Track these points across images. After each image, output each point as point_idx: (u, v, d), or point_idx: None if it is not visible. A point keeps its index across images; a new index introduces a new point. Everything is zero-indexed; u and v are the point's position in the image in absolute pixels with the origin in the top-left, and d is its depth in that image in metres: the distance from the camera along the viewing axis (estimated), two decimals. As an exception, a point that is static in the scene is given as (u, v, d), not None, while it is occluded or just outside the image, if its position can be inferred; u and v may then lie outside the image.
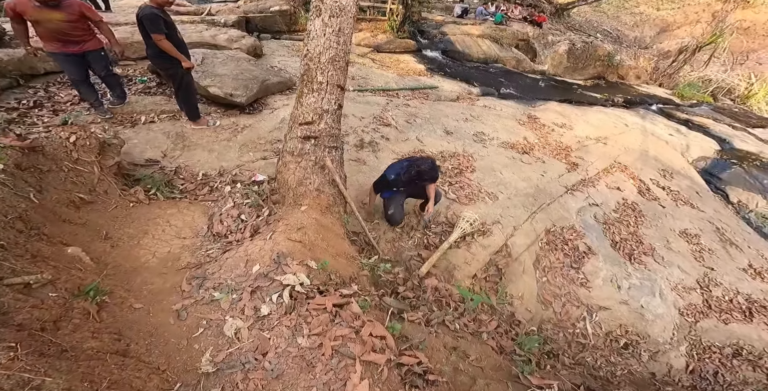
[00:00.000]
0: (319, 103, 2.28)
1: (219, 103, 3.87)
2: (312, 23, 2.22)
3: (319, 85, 2.27)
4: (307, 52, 2.26)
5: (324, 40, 2.18)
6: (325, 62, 2.24)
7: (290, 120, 2.40)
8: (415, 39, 9.35)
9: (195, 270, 1.99)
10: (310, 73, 2.27)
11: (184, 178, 2.86)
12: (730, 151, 6.58)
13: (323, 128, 2.29)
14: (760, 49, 14.84)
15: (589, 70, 9.50)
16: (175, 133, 3.25)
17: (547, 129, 5.62)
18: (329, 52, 2.22)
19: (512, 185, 3.88)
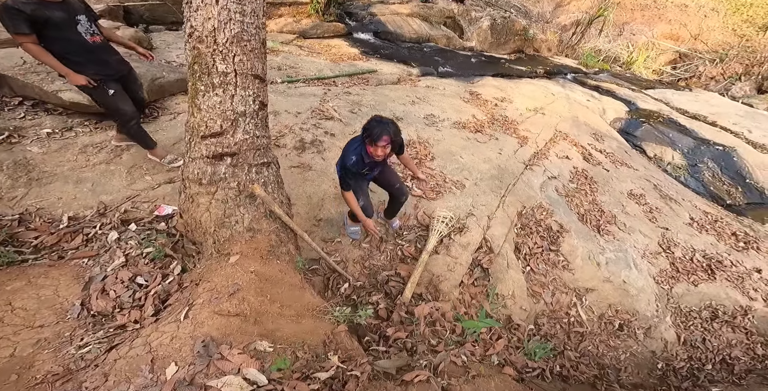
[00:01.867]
0: (228, 104, 1.46)
1: (87, 113, 2.65)
2: None
3: (223, 76, 1.45)
4: (191, 31, 1.43)
5: (218, 11, 1.37)
6: (227, 43, 1.42)
7: (186, 133, 1.52)
8: (343, 22, 8.33)
9: (62, 385, 1.14)
10: (204, 61, 1.43)
11: (36, 229, 1.80)
12: (636, 111, 7.08)
13: (242, 139, 1.48)
14: (631, 22, 16.61)
15: (510, 44, 9.52)
16: (14, 162, 2.07)
17: (491, 105, 5.33)
18: (230, 27, 1.41)
19: (476, 169, 3.45)
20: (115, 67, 2.08)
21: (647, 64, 12.42)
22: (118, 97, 2.07)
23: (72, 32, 1.88)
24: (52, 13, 1.79)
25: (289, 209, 1.76)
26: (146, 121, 2.81)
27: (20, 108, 2.58)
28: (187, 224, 1.53)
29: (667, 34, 14.66)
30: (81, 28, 1.90)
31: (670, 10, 15.56)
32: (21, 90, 2.64)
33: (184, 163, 1.56)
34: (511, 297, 2.43)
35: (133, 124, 2.19)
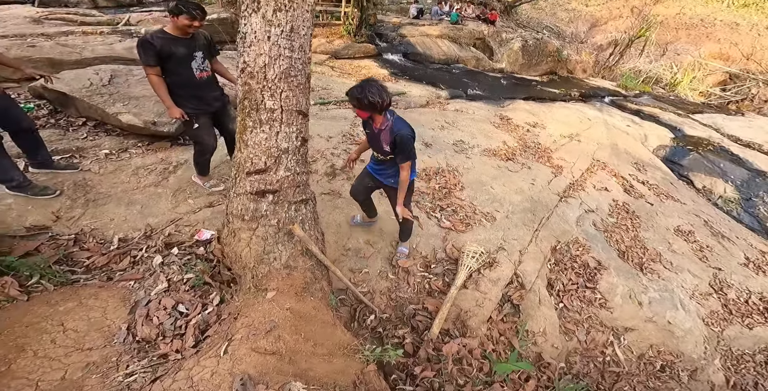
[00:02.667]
0: (273, 141, 1.55)
1: (140, 135, 2.94)
2: (247, 22, 1.46)
3: (270, 113, 1.54)
4: (243, 66, 1.53)
5: (269, 47, 1.45)
6: (275, 79, 1.51)
7: (233, 168, 1.64)
8: (373, 43, 8.80)
9: (108, 412, 1.22)
10: (254, 97, 1.53)
11: (89, 249, 1.99)
12: (683, 138, 6.82)
13: (284, 177, 1.57)
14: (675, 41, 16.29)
15: (542, 66, 9.61)
16: (73, 183, 2.32)
17: (522, 130, 5.34)
18: (279, 63, 1.49)
19: (507, 200, 3.44)
20: (210, 103, 2.28)
21: (693, 85, 12.02)
22: (203, 131, 2.28)
23: (185, 67, 2.09)
24: (176, 49, 2.01)
25: (323, 245, 1.85)
26: (189, 144, 3.07)
27: (83, 128, 2.92)
28: (228, 256, 1.64)
29: (716, 54, 14.19)
30: (194, 64, 2.12)
31: (720, 28, 15.14)
32: (85, 111, 2.99)
33: (229, 198, 1.68)
34: (542, 334, 2.37)
35: (208, 157, 2.42)
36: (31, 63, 3.70)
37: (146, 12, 7.74)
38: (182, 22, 1.96)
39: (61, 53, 3.97)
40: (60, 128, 2.89)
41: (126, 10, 8.01)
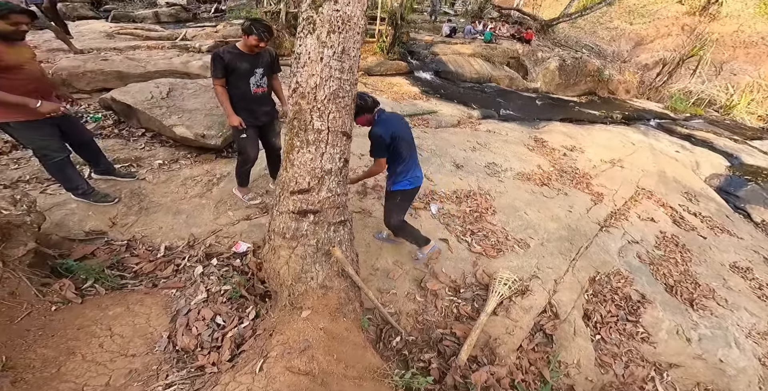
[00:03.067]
0: (318, 162, 1.60)
1: (189, 147, 3.20)
2: (302, 43, 1.52)
3: (317, 134, 1.59)
4: (296, 86, 1.59)
5: (321, 68, 1.51)
6: (324, 100, 1.57)
7: (278, 187, 1.72)
8: (405, 60, 9.07)
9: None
10: (303, 117, 1.58)
11: (138, 256, 2.15)
12: (740, 166, 6.35)
13: (326, 198, 1.64)
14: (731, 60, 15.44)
15: (580, 86, 9.42)
16: (130, 191, 2.55)
17: (559, 153, 5.21)
18: (329, 84, 1.55)
19: (542, 228, 3.36)
20: (259, 117, 2.45)
21: (751, 108, 11.25)
22: (248, 142, 2.44)
23: (244, 82, 2.28)
24: (241, 64, 2.20)
25: (357, 266, 1.89)
26: (231, 157, 3.29)
27: (142, 139, 3.22)
28: (266, 272, 1.72)
29: (778, 75, 13.25)
30: (253, 79, 2.30)
31: (782, 48, 14.20)
32: (145, 122, 3.30)
33: (272, 215, 1.76)
34: (576, 366, 2.26)
35: (248, 167, 2.58)
36: (102, 76, 4.19)
37: (200, 27, 8.52)
38: (251, 42, 2.15)
39: (128, 67, 4.44)
40: (122, 138, 3.20)
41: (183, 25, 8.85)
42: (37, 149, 2.08)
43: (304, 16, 1.49)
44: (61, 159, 2.15)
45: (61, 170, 2.19)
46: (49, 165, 2.15)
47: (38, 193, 2.34)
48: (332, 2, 1.39)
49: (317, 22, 1.45)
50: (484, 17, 11.55)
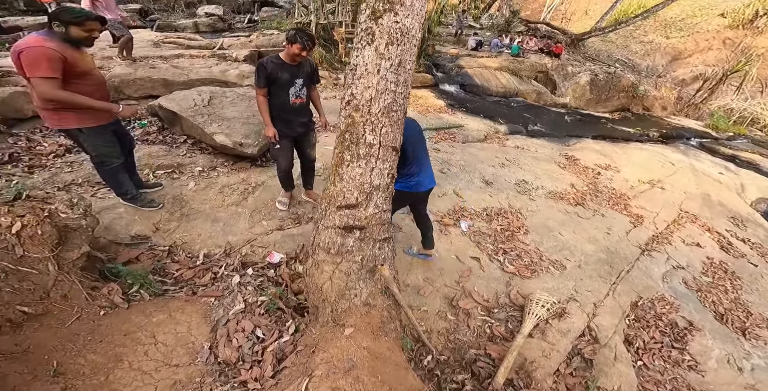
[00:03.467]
0: (367, 177, 1.61)
1: (226, 154, 3.32)
2: (359, 55, 1.51)
3: (368, 148, 1.58)
4: (350, 98, 1.58)
5: (377, 80, 1.50)
6: (378, 113, 1.55)
7: (323, 200, 1.73)
8: (431, 73, 9.18)
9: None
10: (356, 130, 1.57)
11: (179, 262, 2.23)
12: (792, 192, 5.97)
13: (372, 214, 1.64)
14: (777, 78, 14.74)
15: (612, 101, 9.22)
16: (172, 197, 2.66)
17: (592, 172, 5.08)
18: (384, 97, 1.53)
19: (578, 249, 3.27)
20: (294, 128, 2.49)
21: (801, 128, 10.65)
22: (281, 152, 2.52)
23: (284, 92, 2.32)
24: (282, 74, 2.24)
25: (398, 283, 1.89)
26: (265, 166, 3.39)
27: (184, 146, 3.38)
28: (307, 286, 1.73)
29: (831, 94, 12.57)
30: (292, 90, 2.33)
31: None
32: (188, 130, 3.46)
33: (317, 229, 1.78)
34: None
35: (282, 175, 2.68)
36: (150, 83, 4.46)
37: (235, 37, 8.97)
38: (294, 51, 2.17)
39: (173, 74, 4.72)
40: (166, 145, 3.37)
41: (219, 35, 9.33)
42: (97, 155, 2.17)
43: (362, 28, 1.48)
44: (117, 165, 2.28)
45: (114, 176, 2.31)
46: (104, 170, 2.26)
47: (89, 197, 2.48)
48: (392, 14, 1.38)
49: (376, 34, 1.44)
50: (511, 31, 11.62)
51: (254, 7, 14.00)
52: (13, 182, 2.48)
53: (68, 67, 1.84)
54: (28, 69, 1.76)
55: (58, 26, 1.82)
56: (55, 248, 1.70)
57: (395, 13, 1.39)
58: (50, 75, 1.77)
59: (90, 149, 2.16)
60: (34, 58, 1.73)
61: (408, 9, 1.40)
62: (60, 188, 2.51)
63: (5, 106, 3.40)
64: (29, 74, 1.77)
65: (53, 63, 1.77)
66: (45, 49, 1.75)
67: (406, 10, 1.39)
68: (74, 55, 1.87)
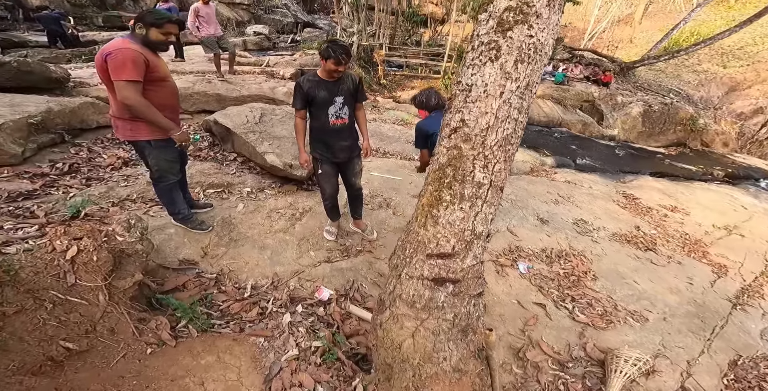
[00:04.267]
0: (469, 223, 1.37)
1: (274, 175, 3.30)
2: (477, 73, 1.25)
3: (476, 188, 1.34)
4: (458, 125, 1.32)
5: (499, 105, 1.24)
6: (494, 146, 1.29)
7: (407, 244, 1.53)
8: (471, 97, 9.16)
9: None
10: (463, 166, 1.32)
11: (226, 292, 2.13)
12: None
13: (470, 266, 1.44)
14: None
15: (667, 135, 8.77)
16: (221, 220, 2.62)
17: (657, 214, 4.71)
18: (504, 127, 1.28)
19: (660, 300, 2.98)
20: (336, 152, 2.29)
21: None
22: (323, 178, 2.38)
23: (323, 112, 2.14)
24: (319, 92, 2.07)
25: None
26: (312, 190, 3.33)
27: (234, 164, 3.40)
28: (380, 340, 1.54)
29: None
30: (332, 109, 2.14)
31: None
32: (239, 147, 3.50)
33: (398, 278, 1.56)
34: None
35: (327, 203, 2.56)
36: (205, 98, 4.65)
37: (279, 56, 9.44)
38: (329, 66, 2.00)
39: (227, 90, 4.92)
40: (217, 162, 3.41)
41: (265, 53, 9.86)
42: (158, 170, 2.14)
43: (483, 41, 1.23)
44: (173, 182, 2.25)
45: (169, 193, 2.29)
46: (161, 187, 2.24)
47: (142, 214, 2.48)
48: (525, 26, 1.15)
49: (503, 49, 1.18)
50: (554, 58, 11.58)
51: (297, 27, 14.88)
52: (69, 195, 2.53)
53: (148, 72, 1.82)
54: (114, 72, 1.72)
55: (140, 28, 1.82)
56: (108, 276, 1.63)
57: (529, 25, 1.15)
58: (134, 78, 1.74)
59: (153, 163, 2.12)
60: (121, 61, 1.70)
61: (544, 21, 1.16)
62: (114, 203, 2.53)
63: (73, 116, 3.59)
64: (114, 77, 1.73)
65: (137, 66, 1.74)
66: (131, 51, 1.73)
67: (542, 22, 1.16)
68: (154, 60, 1.86)
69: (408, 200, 3.50)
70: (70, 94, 4.45)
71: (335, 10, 12.83)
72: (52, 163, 3.00)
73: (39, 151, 3.14)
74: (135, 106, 1.80)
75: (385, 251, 2.73)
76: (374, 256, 2.68)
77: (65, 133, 3.45)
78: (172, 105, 2.08)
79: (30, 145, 3.04)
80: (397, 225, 3.05)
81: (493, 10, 1.20)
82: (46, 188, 2.61)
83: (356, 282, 2.41)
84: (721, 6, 16.60)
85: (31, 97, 3.61)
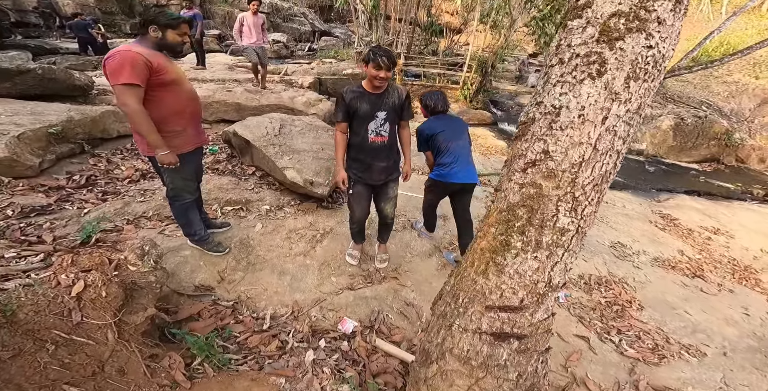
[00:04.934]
0: (544, 274, 1.17)
1: (293, 192, 3.17)
2: (568, 91, 1.02)
3: (558, 235, 1.12)
4: (537, 157, 1.09)
5: (600, 133, 1.01)
6: (588, 185, 1.07)
7: (460, 292, 1.32)
8: (489, 110, 9.03)
9: None
10: (542, 208, 1.10)
11: (243, 322, 1.98)
12: None
13: (540, 320, 1.25)
14: None
15: (700, 150, 8.36)
16: (239, 241, 2.50)
17: (700, 237, 4.41)
18: (605, 161, 1.05)
19: (717, 333, 2.74)
20: (372, 174, 2.11)
21: None
22: (354, 200, 2.21)
23: (363, 128, 1.97)
24: (360, 105, 1.91)
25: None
26: (332, 208, 3.19)
27: (252, 178, 3.29)
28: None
29: None
30: (372, 125, 1.98)
31: None
32: (258, 161, 3.38)
33: (448, 329, 1.34)
34: None
35: (355, 226, 2.41)
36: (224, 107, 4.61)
37: (297, 64, 9.51)
38: (370, 73, 1.85)
39: (246, 99, 4.88)
40: (235, 176, 3.31)
41: (283, 61, 9.98)
42: (173, 189, 2.03)
43: (578, 53, 0.99)
44: (190, 201, 2.14)
45: (185, 213, 2.17)
46: (176, 206, 2.12)
47: (156, 233, 2.38)
48: (643, 35, 0.93)
49: (610, 63, 0.95)
50: (577, 68, 11.36)
51: (314, 36, 15.10)
52: (84, 212, 2.45)
53: (154, 74, 1.70)
54: (111, 76, 1.61)
55: (155, 31, 1.75)
56: (118, 312, 1.50)
57: (648, 33, 0.93)
58: (131, 81, 1.61)
59: (168, 181, 2.01)
60: (118, 64, 1.59)
61: (667, 29, 0.94)
62: (130, 221, 2.44)
63: (94, 126, 3.56)
64: (111, 81, 1.62)
65: (136, 68, 1.61)
66: (130, 53, 1.62)
67: (664, 30, 0.94)
68: (162, 62, 1.74)
69: (433, 221, 3.33)
70: (93, 102, 4.48)
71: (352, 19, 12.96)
72: (69, 175, 2.95)
73: (57, 162, 3.10)
74: (129, 113, 1.66)
75: (411, 278, 2.56)
76: (399, 283, 2.50)
77: (85, 144, 3.43)
78: (192, 111, 1.96)
79: (48, 156, 3.00)
80: (422, 249, 2.88)
81: (592, 15, 0.97)
82: (61, 203, 2.54)
83: (381, 312, 2.24)
84: (753, 14, 16.14)
85: (53, 105, 3.62)
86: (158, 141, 1.78)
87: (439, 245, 3.02)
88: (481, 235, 1.29)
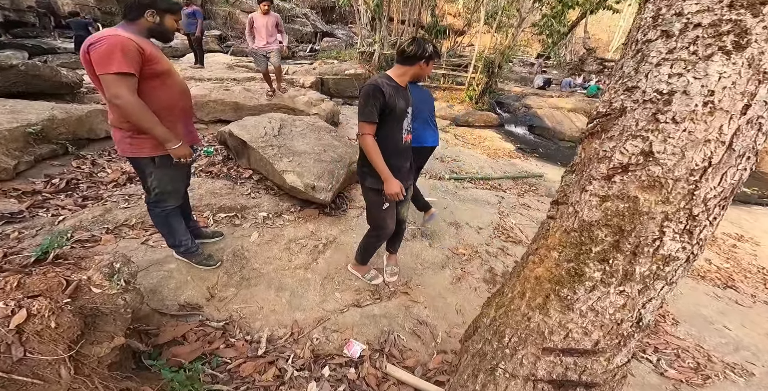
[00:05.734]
0: (631, 312, 0.94)
1: (293, 198, 2.93)
2: (690, 72, 0.76)
3: (660, 264, 0.87)
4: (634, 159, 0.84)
5: (738, 127, 0.75)
6: (713, 198, 0.81)
7: (508, 330, 1.08)
8: (494, 111, 8.86)
9: None
10: (639, 228, 0.85)
11: (235, 346, 1.73)
12: None
13: (618, 366, 1.01)
14: None
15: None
16: (232, 252, 2.25)
17: (725, 244, 4.18)
18: (742, 165, 0.80)
19: (762, 350, 2.51)
20: (405, 177, 1.84)
21: None
22: (389, 212, 1.85)
23: (397, 127, 1.69)
24: (398, 102, 1.61)
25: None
26: (335, 215, 2.95)
27: (248, 182, 3.05)
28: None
29: None
30: (405, 123, 1.72)
31: None
32: (255, 163, 3.14)
33: (490, 374, 1.10)
34: None
35: (378, 244, 2.09)
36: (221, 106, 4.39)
37: (298, 64, 9.34)
38: (425, 70, 1.70)
39: (245, 98, 4.66)
40: (230, 180, 3.06)
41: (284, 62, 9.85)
42: (158, 193, 1.79)
43: (697, 22, 0.75)
44: (173, 208, 1.89)
45: (167, 221, 1.90)
46: (157, 213, 1.86)
47: (139, 244, 2.13)
48: None
49: (755, 33, 0.70)
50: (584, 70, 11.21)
51: (316, 37, 14.98)
52: (59, 219, 2.21)
53: (146, 63, 1.48)
54: (99, 65, 1.38)
55: (153, 16, 1.55)
56: (75, 344, 1.24)
57: None
58: (125, 70, 1.40)
59: (154, 184, 1.75)
60: (107, 50, 1.37)
61: None
62: (109, 230, 2.20)
63: (80, 125, 3.34)
64: (100, 71, 1.39)
65: (129, 55, 1.40)
66: (120, 37, 1.40)
67: None
68: (153, 50, 1.53)
69: (445, 229, 3.08)
70: (81, 101, 4.27)
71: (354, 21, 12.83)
72: (48, 178, 2.71)
73: (36, 164, 2.86)
74: (126, 107, 1.44)
75: (423, 292, 2.32)
76: (411, 298, 2.26)
77: (69, 144, 3.19)
78: (183, 107, 1.75)
79: (26, 157, 2.77)
80: (433, 260, 2.64)
81: None
82: (35, 209, 2.29)
83: (392, 333, 1.99)
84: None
85: (36, 103, 3.39)
86: (167, 134, 1.57)
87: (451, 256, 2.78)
88: (536, 260, 1.04)
